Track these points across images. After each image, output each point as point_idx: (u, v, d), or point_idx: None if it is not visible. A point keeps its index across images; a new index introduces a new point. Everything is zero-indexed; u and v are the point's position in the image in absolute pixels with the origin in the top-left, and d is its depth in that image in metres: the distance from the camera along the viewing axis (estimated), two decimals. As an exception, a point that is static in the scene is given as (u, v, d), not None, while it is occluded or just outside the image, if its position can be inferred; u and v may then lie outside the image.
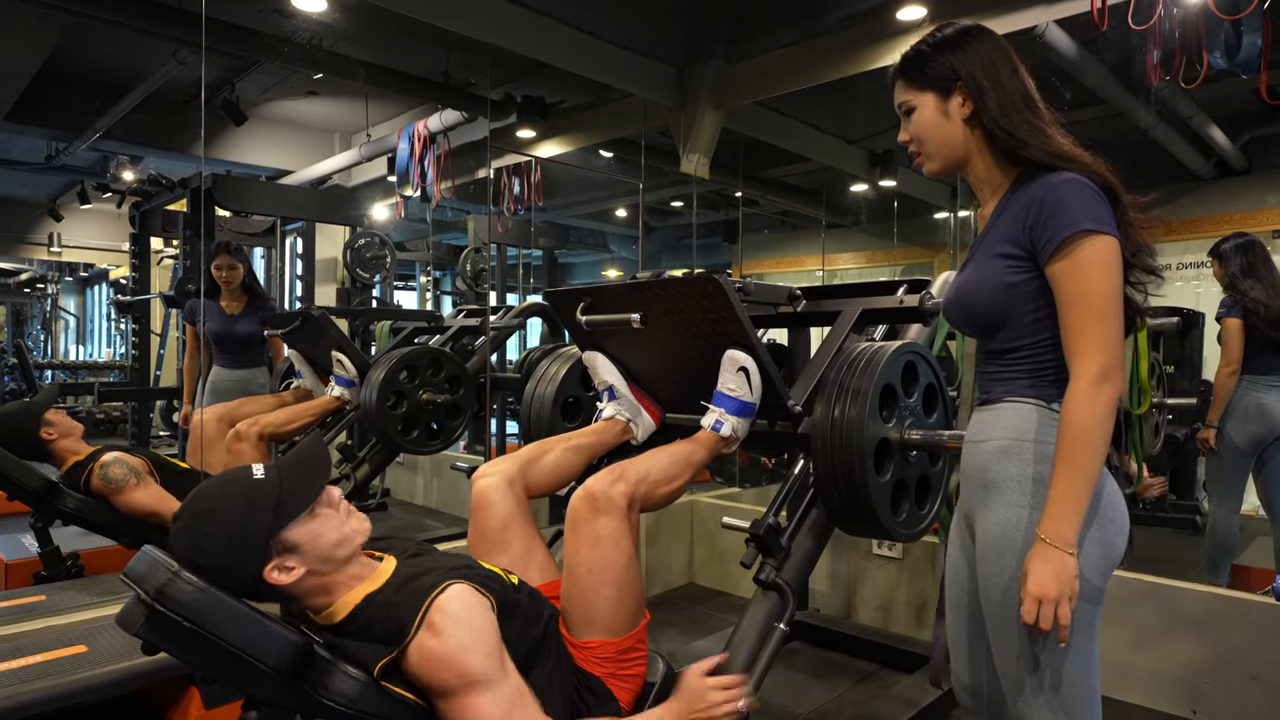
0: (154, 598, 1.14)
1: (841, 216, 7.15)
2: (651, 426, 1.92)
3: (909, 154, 1.33)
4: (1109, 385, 1.11)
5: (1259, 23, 2.63)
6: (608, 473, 1.54)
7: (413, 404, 3.16)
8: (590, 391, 2.29)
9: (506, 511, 1.61)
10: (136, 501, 2.60)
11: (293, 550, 1.24)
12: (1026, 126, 1.21)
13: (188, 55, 3.94)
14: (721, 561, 3.56)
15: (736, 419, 1.69)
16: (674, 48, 4.29)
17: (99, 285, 10.84)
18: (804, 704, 2.45)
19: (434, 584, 1.26)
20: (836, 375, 1.71)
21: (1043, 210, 1.16)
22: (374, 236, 5.11)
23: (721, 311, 1.65)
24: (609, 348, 1.92)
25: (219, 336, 3.62)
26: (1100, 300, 1.12)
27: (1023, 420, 1.21)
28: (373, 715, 1.25)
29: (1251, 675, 2.26)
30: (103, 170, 6.03)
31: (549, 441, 1.80)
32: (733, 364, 1.68)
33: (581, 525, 1.48)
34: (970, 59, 1.23)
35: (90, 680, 1.70)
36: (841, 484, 1.66)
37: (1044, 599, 1.10)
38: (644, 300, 1.75)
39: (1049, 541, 1.12)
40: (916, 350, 1.81)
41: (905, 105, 1.30)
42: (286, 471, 1.27)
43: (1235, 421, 2.94)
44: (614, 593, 1.44)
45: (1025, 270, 1.19)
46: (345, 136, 5.98)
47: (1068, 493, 1.11)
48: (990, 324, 1.25)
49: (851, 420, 1.64)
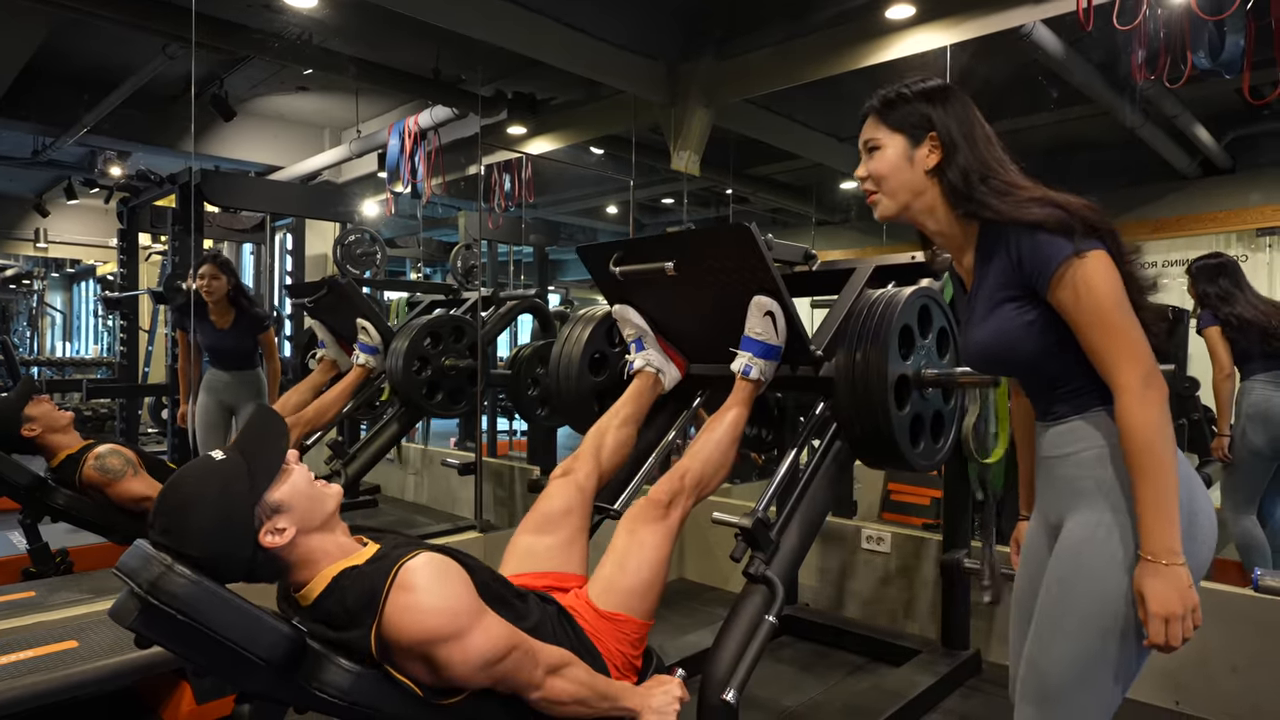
0: (148, 591, 1.15)
1: (831, 213, 7.18)
2: (677, 376, 2.09)
3: (865, 191, 1.35)
4: (1154, 389, 1.13)
5: (1242, 23, 2.66)
6: (669, 479, 1.75)
7: (436, 369, 3.29)
8: (615, 347, 2.40)
9: (571, 502, 1.78)
10: (132, 490, 2.59)
11: (279, 510, 1.27)
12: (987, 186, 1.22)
13: (177, 50, 3.92)
14: (711, 556, 3.58)
15: (764, 361, 1.83)
16: (665, 44, 4.30)
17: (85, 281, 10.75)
18: (794, 696, 2.47)
19: (406, 553, 1.29)
20: (857, 318, 1.84)
21: (1021, 249, 1.18)
22: (364, 233, 5.10)
23: (750, 259, 1.78)
24: (637, 301, 2.05)
25: (209, 348, 3.62)
26: (1111, 312, 1.14)
27: (1106, 428, 1.22)
28: (365, 706, 1.26)
29: (1232, 666, 2.30)
30: (90, 166, 5.99)
31: (600, 426, 1.97)
32: (759, 309, 1.81)
33: (645, 521, 1.68)
34: (948, 115, 1.26)
35: (82, 675, 1.70)
36: (864, 418, 1.78)
37: (1170, 618, 1.10)
38: (674, 251, 1.88)
39: (1155, 559, 1.11)
40: (931, 295, 1.92)
41: (871, 142, 1.32)
42: (246, 443, 1.31)
43: (1253, 426, 2.89)
44: (650, 577, 1.62)
45: (1033, 306, 1.21)
46: (334, 132, 5.96)
47: (1155, 504, 1.11)
48: (1031, 364, 1.26)
49: (873, 358, 1.77)
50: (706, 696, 1.61)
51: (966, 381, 1.88)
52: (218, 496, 1.23)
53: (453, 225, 7.00)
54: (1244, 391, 2.95)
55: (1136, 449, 1.12)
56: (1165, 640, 1.11)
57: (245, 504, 1.24)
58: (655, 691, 1.51)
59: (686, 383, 2.12)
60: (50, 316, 10.52)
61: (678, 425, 2.23)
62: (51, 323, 10.67)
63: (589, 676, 1.41)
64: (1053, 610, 1.24)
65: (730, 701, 1.58)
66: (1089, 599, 1.20)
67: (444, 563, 1.30)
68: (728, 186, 6.24)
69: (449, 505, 4.73)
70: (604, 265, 2.01)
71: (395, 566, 1.26)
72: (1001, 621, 2.70)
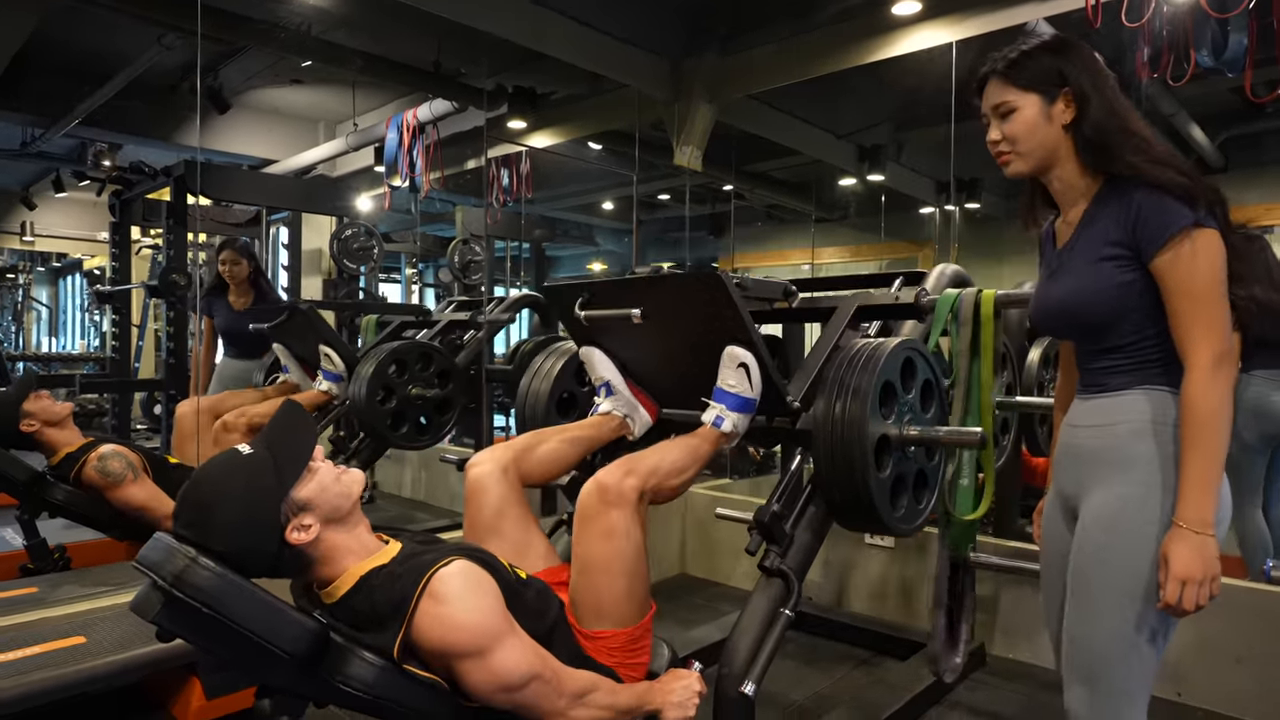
0: (172, 584, 1.14)
1: (829, 211, 7.19)
2: (648, 422, 1.93)
3: (996, 154, 1.34)
4: (1225, 369, 1.15)
5: (1245, 22, 2.69)
6: (618, 466, 1.55)
7: (402, 399, 3.13)
8: (585, 387, 2.29)
9: (500, 498, 1.62)
10: (131, 497, 2.56)
11: (305, 508, 1.25)
12: (1122, 140, 1.23)
13: (174, 40, 3.87)
14: (713, 552, 3.58)
15: (737, 415, 1.70)
16: (669, 40, 4.30)
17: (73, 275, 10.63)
18: (801, 690, 2.48)
19: (437, 559, 1.28)
20: (836, 372, 1.72)
21: (1144, 208, 1.19)
22: (361, 227, 5.07)
23: (723, 308, 1.66)
24: (606, 343, 1.92)
25: (226, 331, 3.66)
26: (1207, 289, 1.16)
27: (1156, 404, 1.24)
28: (390, 700, 1.26)
29: (1236, 657, 2.32)
30: (80, 158, 5.92)
31: (544, 432, 1.81)
32: (733, 360, 1.68)
33: (593, 519, 1.49)
34: (1077, 67, 1.26)
35: (92, 671, 1.68)
36: (842, 480, 1.67)
37: (1189, 581, 1.13)
38: (643, 295, 1.75)
39: (1188, 526, 1.15)
40: (915, 347, 1.83)
41: (1004, 106, 1.30)
42: (274, 438, 1.30)
43: (1245, 420, 2.88)
44: (625, 584, 1.48)
45: (1134, 268, 1.22)
46: (330, 126, 5.92)
47: (1201, 477, 1.15)
48: (1102, 325, 1.27)
49: (853, 417, 1.65)
50: (724, 689, 1.60)
51: (950, 441, 1.78)
52: (244, 492, 1.22)
53: (448, 220, 6.97)
54: (1241, 384, 2.95)
55: (1197, 422, 1.15)
56: (1179, 602, 1.14)
57: (272, 500, 1.23)
58: (674, 686, 1.50)
59: (658, 428, 1.95)
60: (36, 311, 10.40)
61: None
62: (37, 317, 10.55)
63: (611, 697, 1.38)
64: (1089, 583, 1.26)
65: (748, 694, 1.58)
66: (1125, 570, 1.22)
67: (477, 574, 1.28)
68: (727, 183, 6.24)
69: (447, 501, 4.71)
70: (570, 307, 1.88)
71: (428, 573, 1.24)
72: (1006, 616, 2.71)
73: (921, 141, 5.72)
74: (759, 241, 8.27)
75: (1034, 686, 2.50)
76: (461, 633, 1.22)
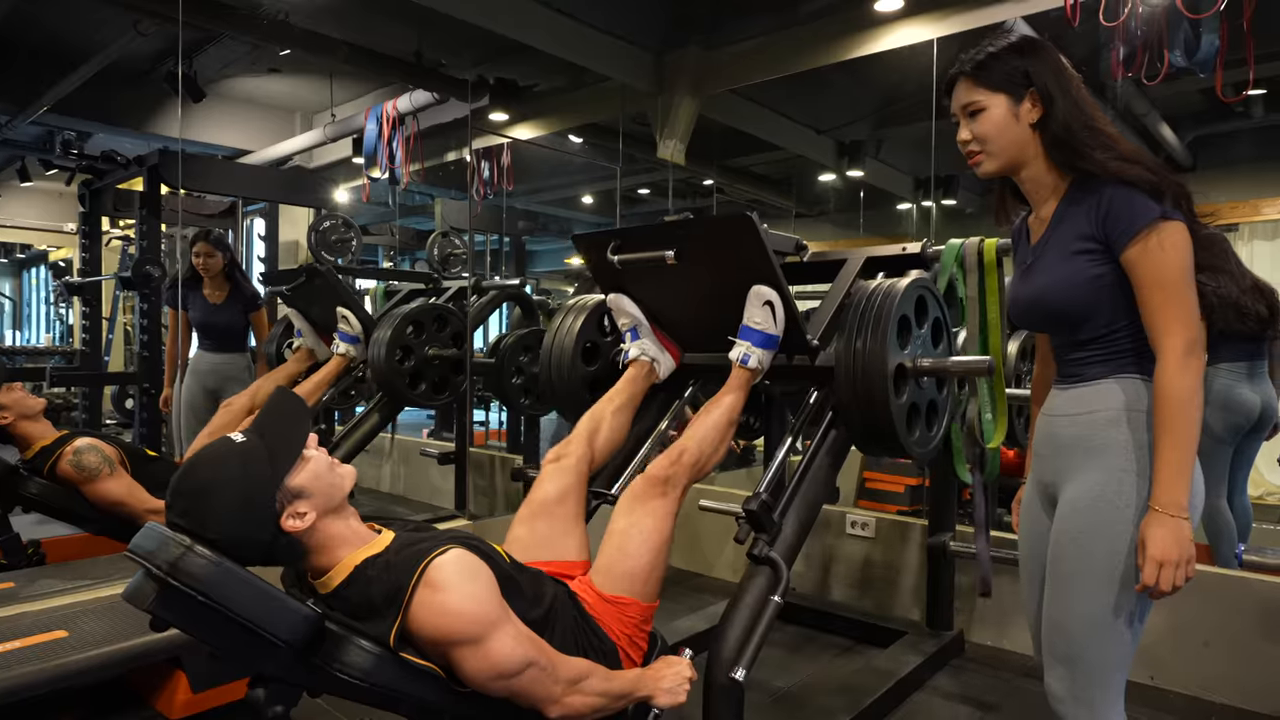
0: (167, 572, 1.13)
1: (810, 206, 7.24)
2: (672, 366, 2.08)
3: (967, 153, 1.36)
4: (1195, 357, 1.18)
5: (1217, 23, 2.76)
6: (666, 458, 1.72)
7: (419, 359, 3.22)
8: (607, 336, 2.39)
9: (567, 487, 1.76)
10: (108, 492, 2.52)
11: (300, 495, 1.25)
12: (1087, 138, 1.26)
13: (149, 26, 3.80)
14: (697, 544, 3.61)
15: (762, 351, 1.83)
16: (652, 33, 4.30)
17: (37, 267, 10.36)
18: (785, 678, 2.51)
19: (432, 547, 1.29)
20: (854, 310, 1.84)
21: (1113, 204, 1.22)
22: (339, 219, 5.00)
23: (750, 249, 1.79)
24: (632, 290, 2.04)
25: (200, 324, 3.59)
26: (1176, 280, 1.19)
27: (1123, 393, 1.28)
28: (386, 688, 1.26)
29: (1204, 641, 2.39)
30: (47, 146, 5.77)
31: (595, 412, 1.95)
32: (758, 299, 1.81)
33: (645, 499, 1.66)
34: (1042, 67, 1.29)
35: (77, 664, 1.66)
36: (863, 407, 1.79)
37: (1165, 563, 1.16)
38: (673, 240, 1.86)
39: (1163, 510, 1.18)
40: (927, 286, 1.95)
41: (973, 106, 1.33)
42: (267, 425, 1.29)
43: (1213, 411, 2.98)
44: (651, 559, 1.60)
45: (1104, 261, 1.25)
46: (307, 116, 5.84)
47: (1175, 462, 1.18)
48: (1075, 318, 1.30)
49: (872, 348, 1.78)
50: (714, 675, 1.62)
51: (959, 370, 1.90)
52: (239, 479, 1.21)
53: (426, 212, 6.91)
54: (1208, 377, 3.03)
55: (1171, 408, 1.19)
56: (1156, 583, 1.17)
57: (267, 487, 1.22)
58: (665, 673, 1.52)
59: (680, 372, 2.12)
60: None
61: (671, 414, 2.23)
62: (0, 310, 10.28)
63: (605, 683, 1.40)
64: (1067, 568, 1.29)
65: (739, 680, 1.60)
66: (1103, 555, 1.25)
67: (473, 562, 1.29)
68: (708, 177, 6.26)
69: (427, 495, 4.68)
70: (601, 253, 1.99)
71: (424, 562, 1.25)
72: (985, 604, 2.76)
73: (900, 138, 5.78)
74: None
75: (1013, 673, 2.56)
76: (458, 620, 1.23)
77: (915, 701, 2.37)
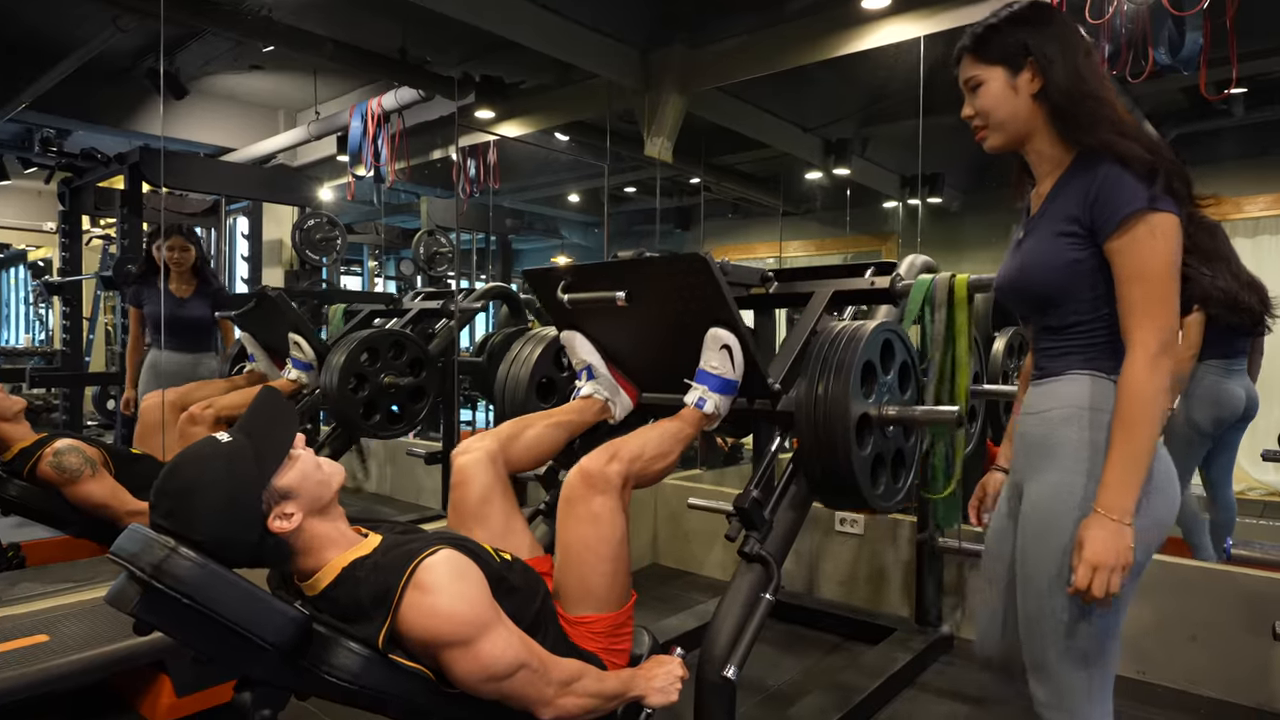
0: (151, 574, 1.11)
1: (796, 205, 7.25)
2: (629, 406, 1.94)
3: (972, 129, 1.33)
4: (1166, 358, 1.13)
5: (1200, 21, 2.78)
6: (602, 452, 1.55)
7: (374, 387, 3.10)
8: (565, 372, 2.30)
9: (485, 486, 1.62)
10: (89, 494, 2.47)
11: (287, 496, 1.23)
12: (1090, 108, 1.21)
13: (129, 22, 3.74)
14: (685, 542, 3.60)
15: (719, 396, 1.72)
16: (638, 29, 4.28)
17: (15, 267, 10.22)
18: (775, 676, 2.51)
19: (421, 549, 1.27)
20: (818, 353, 1.75)
21: (1104, 187, 1.17)
22: (324, 217, 4.97)
23: (706, 289, 1.68)
24: (587, 327, 1.92)
25: (167, 320, 3.46)
26: (1158, 275, 1.14)
27: (1085, 390, 1.23)
28: (375, 690, 1.24)
29: (1191, 635, 2.41)
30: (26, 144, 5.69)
31: (529, 418, 1.80)
32: (716, 342, 1.70)
33: (578, 503, 1.50)
34: (1042, 34, 1.24)
35: (59, 669, 1.63)
36: (825, 458, 1.70)
37: (1099, 567, 1.12)
38: (626, 278, 1.76)
39: (1105, 513, 1.13)
40: (894, 329, 1.88)
41: (972, 80, 1.30)
42: (254, 425, 1.27)
43: (1198, 405, 3.00)
44: (609, 568, 1.49)
45: (1086, 247, 1.20)
46: (290, 114, 5.78)
47: (1126, 465, 1.13)
48: (1050, 301, 1.26)
49: (835, 396, 1.68)
50: (706, 674, 1.62)
51: (926, 420, 1.83)
52: (225, 479, 1.19)
53: (412, 211, 6.86)
54: (1199, 373, 3.05)
55: (1132, 409, 1.14)
56: (1088, 587, 1.13)
57: (253, 488, 1.21)
58: (657, 672, 1.51)
59: (638, 412, 1.97)
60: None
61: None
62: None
63: (597, 684, 1.39)
64: (1026, 571, 1.27)
65: (731, 678, 1.59)
66: (1055, 558, 1.22)
67: (463, 563, 1.27)
68: (695, 175, 6.26)
69: (413, 495, 4.65)
70: (552, 291, 1.88)
71: (413, 563, 1.23)
72: (973, 601, 2.77)
73: (886, 136, 5.80)
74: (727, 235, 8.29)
75: (1001, 667, 2.57)
76: (448, 622, 1.21)
77: (905, 698, 2.37)
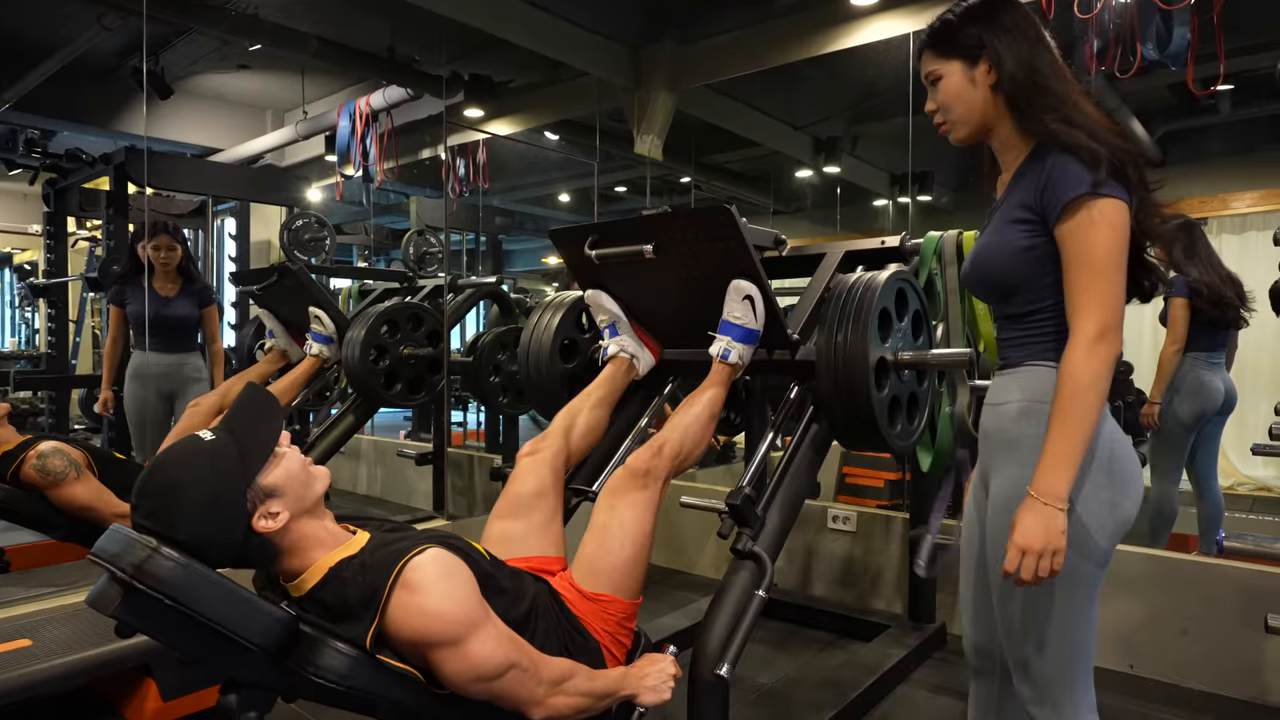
0: (132, 575, 1.09)
1: (786, 203, 7.25)
2: (651, 362, 2.07)
3: (936, 124, 1.35)
4: (1106, 344, 1.13)
5: (1187, 16, 2.79)
6: (647, 449, 1.70)
7: (395, 358, 3.18)
8: (585, 333, 2.38)
9: (544, 483, 1.73)
10: (75, 496, 2.44)
11: (272, 494, 1.22)
12: (1037, 97, 1.22)
13: (114, 21, 3.70)
14: (677, 541, 3.59)
15: (742, 345, 1.82)
16: (627, 27, 4.27)
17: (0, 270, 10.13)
18: (769, 674, 2.50)
19: (409, 548, 1.26)
20: (835, 303, 1.83)
21: (1052, 174, 1.18)
22: (312, 217, 4.92)
23: (730, 242, 1.77)
24: (610, 286, 2.02)
25: (151, 320, 3.42)
26: (1101, 260, 1.14)
27: (1041, 382, 1.24)
28: (363, 691, 1.22)
29: (1182, 630, 2.42)
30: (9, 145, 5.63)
31: (572, 407, 1.94)
32: (738, 293, 1.80)
33: (625, 492, 1.63)
34: (996, 28, 1.25)
35: (42, 673, 1.60)
36: (845, 400, 1.78)
37: (1028, 551, 1.12)
38: (651, 234, 1.85)
39: (1038, 497, 1.13)
40: (907, 279, 1.95)
41: (932, 75, 1.31)
42: (238, 422, 1.25)
43: (1181, 398, 3.04)
44: (632, 553, 1.58)
45: (1038, 234, 1.21)
46: (278, 114, 5.74)
47: (1060, 450, 1.13)
48: (1005, 288, 1.28)
49: (854, 341, 1.77)
50: (699, 672, 1.61)
51: (940, 363, 1.90)
52: (208, 478, 1.17)
53: (401, 211, 6.82)
54: (1184, 367, 3.08)
55: (1068, 394, 1.14)
56: (1017, 570, 1.13)
57: (237, 486, 1.19)
58: (649, 670, 1.50)
59: (660, 368, 2.10)
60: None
61: (650, 410, 2.22)
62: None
63: (589, 683, 1.38)
64: (995, 566, 1.26)
65: (724, 676, 1.59)
66: None
67: (451, 561, 1.26)
68: (685, 174, 6.25)
69: (404, 497, 4.63)
70: (579, 248, 1.97)
71: (401, 562, 1.22)
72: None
73: (876, 134, 5.80)
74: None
75: (994, 662, 2.57)
76: (436, 622, 1.20)
77: (899, 694, 2.37)
